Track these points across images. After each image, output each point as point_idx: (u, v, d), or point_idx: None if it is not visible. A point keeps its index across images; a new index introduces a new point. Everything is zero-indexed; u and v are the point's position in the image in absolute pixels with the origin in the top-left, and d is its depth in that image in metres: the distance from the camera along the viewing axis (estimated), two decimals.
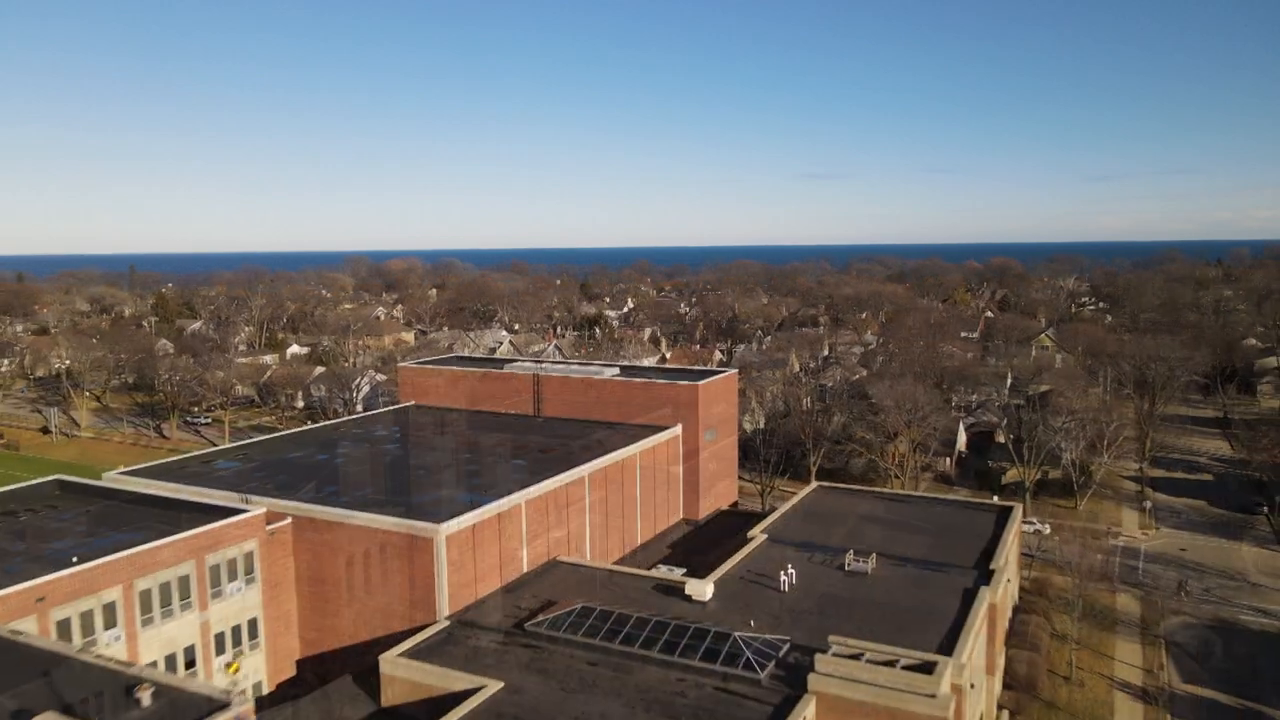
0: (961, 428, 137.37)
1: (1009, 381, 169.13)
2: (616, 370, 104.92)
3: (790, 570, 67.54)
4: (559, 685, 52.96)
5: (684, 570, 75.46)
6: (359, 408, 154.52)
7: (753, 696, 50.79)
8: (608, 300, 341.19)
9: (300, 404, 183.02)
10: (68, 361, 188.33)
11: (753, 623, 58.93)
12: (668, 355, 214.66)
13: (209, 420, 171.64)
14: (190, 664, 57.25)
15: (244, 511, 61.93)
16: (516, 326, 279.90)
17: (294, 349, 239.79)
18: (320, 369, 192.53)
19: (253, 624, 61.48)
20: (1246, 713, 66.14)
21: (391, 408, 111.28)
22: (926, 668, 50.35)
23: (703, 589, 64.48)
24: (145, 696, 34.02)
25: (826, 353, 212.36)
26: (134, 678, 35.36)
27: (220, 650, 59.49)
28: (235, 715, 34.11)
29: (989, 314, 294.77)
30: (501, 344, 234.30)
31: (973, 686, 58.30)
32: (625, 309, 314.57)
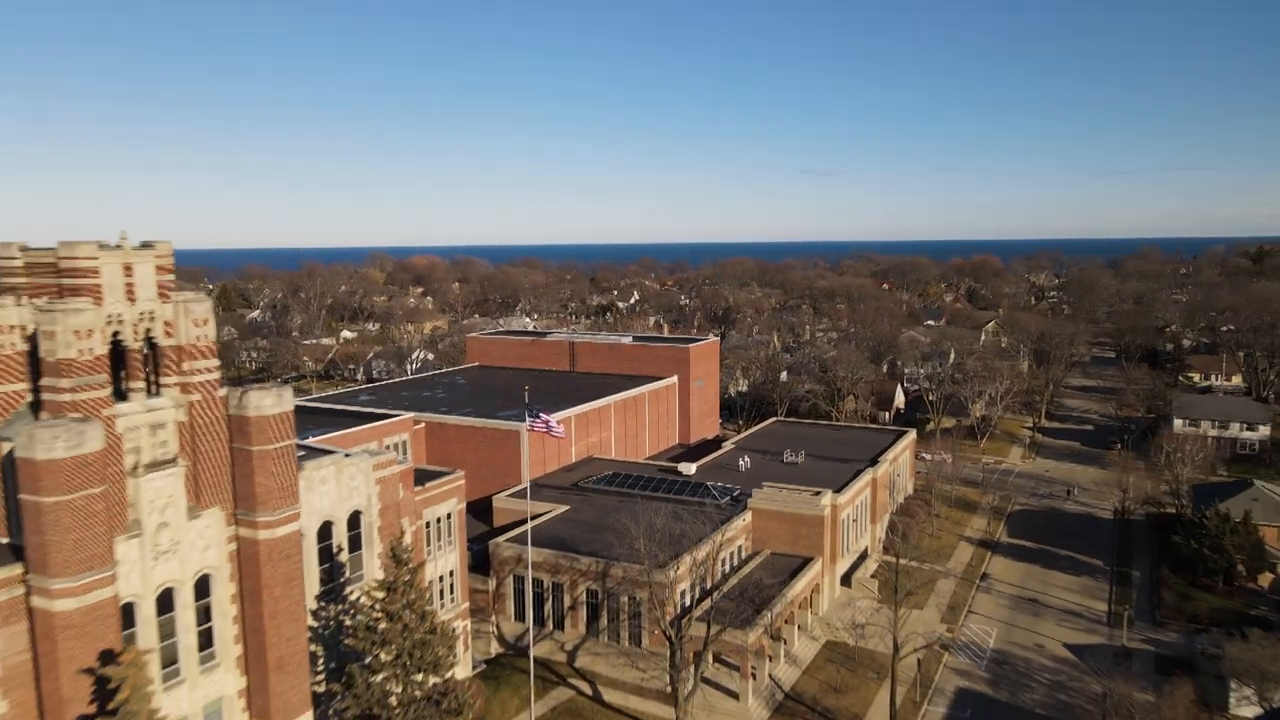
0: (900, 390, 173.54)
1: (952, 358, 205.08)
2: (630, 338, 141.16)
3: (746, 459, 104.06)
4: (600, 509, 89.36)
5: None
6: None
7: (714, 511, 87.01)
8: (615, 293, 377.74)
9: (360, 377, 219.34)
10: None
11: (720, 481, 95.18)
12: None
13: None
14: None
15: (398, 415, 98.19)
16: (536, 315, 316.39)
17: (345, 333, 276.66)
18: (378, 348, 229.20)
19: None
20: (1039, 550, 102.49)
21: (461, 366, 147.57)
22: (817, 493, 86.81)
23: (689, 468, 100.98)
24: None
25: (806, 336, 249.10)
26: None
27: None
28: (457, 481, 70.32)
29: (957, 305, 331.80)
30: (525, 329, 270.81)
31: (854, 521, 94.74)
32: (632, 300, 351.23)
